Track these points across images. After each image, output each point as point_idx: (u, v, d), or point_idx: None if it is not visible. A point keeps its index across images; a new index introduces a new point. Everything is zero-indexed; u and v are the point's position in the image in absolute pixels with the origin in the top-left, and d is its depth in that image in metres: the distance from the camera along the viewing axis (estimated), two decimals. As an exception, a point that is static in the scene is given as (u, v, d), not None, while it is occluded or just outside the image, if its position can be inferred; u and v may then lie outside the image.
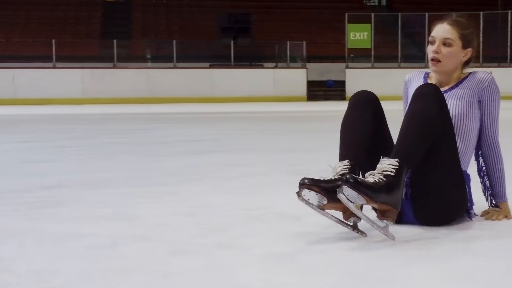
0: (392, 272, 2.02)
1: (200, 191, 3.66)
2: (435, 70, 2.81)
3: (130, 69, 22.10)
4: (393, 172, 2.36)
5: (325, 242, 2.42)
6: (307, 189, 2.36)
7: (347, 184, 2.26)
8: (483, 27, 22.89)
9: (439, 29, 2.79)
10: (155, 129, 9.33)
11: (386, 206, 2.34)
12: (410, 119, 2.52)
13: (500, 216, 2.78)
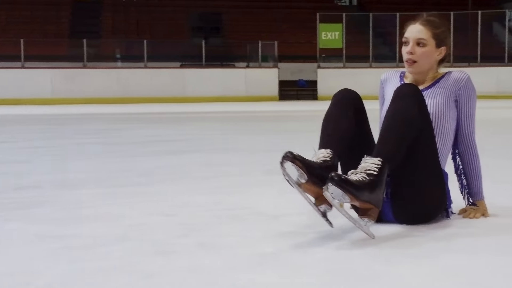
0: (376, 271, 2.03)
1: (179, 191, 3.65)
2: (411, 71, 2.84)
3: (100, 69, 21.91)
4: (376, 171, 2.38)
5: (307, 241, 2.42)
6: (291, 162, 2.36)
7: (333, 182, 2.27)
8: (454, 27, 23.14)
9: (412, 29, 2.81)
10: (127, 129, 9.27)
11: (368, 204, 2.36)
12: (391, 119, 2.54)
13: (478, 214, 2.81)
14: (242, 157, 5.30)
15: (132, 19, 27.11)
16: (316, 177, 2.38)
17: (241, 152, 5.71)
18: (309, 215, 2.84)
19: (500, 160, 4.96)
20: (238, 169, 4.53)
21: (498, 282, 1.91)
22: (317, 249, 2.29)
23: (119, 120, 11.56)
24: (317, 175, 2.39)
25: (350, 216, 2.39)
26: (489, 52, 24.01)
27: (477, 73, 21.65)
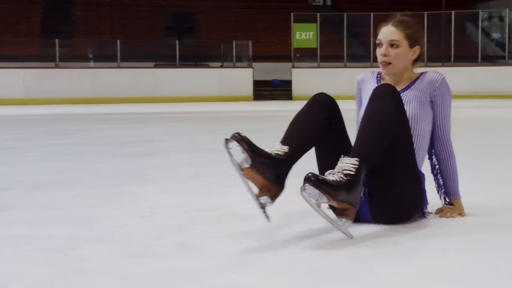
0: (354, 271, 2.03)
1: (155, 192, 3.62)
2: (386, 72, 2.85)
3: (73, 69, 21.70)
4: (353, 171, 2.37)
5: (285, 241, 2.41)
6: (237, 142, 2.32)
7: (310, 182, 2.26)
8: (427, 27, 23.34)
9: (384, 31, 2.82)
10: (101, 129, 9.18)
11: (345, 204, 2.35)
12: (368, 120, 2.54)
13: (454, 214, 2.83)
14: (216, 158, 5.23)
15: (105, 19, 26.90)
16: (260, 165, 2.34)
17: (216, 153, 5.65)
18: (286, 215, 2.83)
19: (476, 159, 5.00)
20: (213, 170, 4.51)
21: (475, 280, 1.92)
22: (295, 250, 2.28)
23: (92, 121, 11.45)
24: (262, 164, 2.34)
25: (328, 216, 2.39)
26: (463, 52, 24.25)
27: (451, 72, 21.87)
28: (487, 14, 27.07)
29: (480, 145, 6.22)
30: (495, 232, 2.52)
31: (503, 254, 2.20)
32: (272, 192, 2.42)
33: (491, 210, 2.95)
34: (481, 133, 7.89)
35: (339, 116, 2.71)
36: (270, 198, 2.41)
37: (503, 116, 11.57)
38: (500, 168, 4.52)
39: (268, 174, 2.37)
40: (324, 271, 2.03)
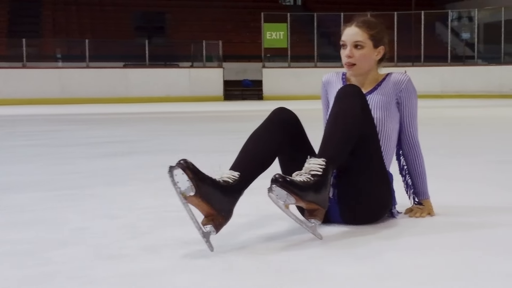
0: (322, 272, 2.02)
1: (122, 193, 3.58)
2: (351, 73, 2.85)
3: (41, 69, 21.43)
4: (320, 172, 2.35)
5: (254, 242, 2.40)
6: (182, 170, 2.23)
7: (277, 184, 2.23)
8: (397, 27, 23.54)
9: (348, 32, 2.81)
10: (68, 130, 9.07)
11: (314, 205, 2.33)
12: (334, 120, 2.52)
13: (424, 213, 2.83)
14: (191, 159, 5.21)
15: (73, 18, 26.63)
16: (206, 193, 2.24)
17: (184, 154, 5.62)
18: (255, 216, 2.82)
19: (445, 159, 5.03)
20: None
21: (441, 281, 1.91)
22: (264, 251, 2.27)
23: (60, 122, 11.32)
24: (208, 192, 2.25)
25: (296, 217, 2.37)
26: (433, 52, 24.50)
27: (421, 72, 22.13)
28: (456, 14, 27.37)
29: (450, 145, 6.27)
30: (462, 232, 2.52)
31: (469, 254, 2.21)
32: (217, 222, 2.31)
33: (459, 210, 2.97)
34: (450, 132, 7.96)
35: (299, 131, 2.65)
36: (215, 227, 2.30)
37: (472, 116, 11.70)
38: (468, 167, 4.56)
39: (214, 202, 2.27)
40: (291, 271, 2.02)
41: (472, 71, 22.53)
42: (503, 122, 9.96)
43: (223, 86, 22.71)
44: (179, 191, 2.25)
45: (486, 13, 25.14)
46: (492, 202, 3.19)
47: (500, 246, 2.31)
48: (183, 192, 2.24)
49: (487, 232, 2.52)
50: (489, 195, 3.40)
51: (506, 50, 22.91)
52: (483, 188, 3.66)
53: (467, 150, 5.74)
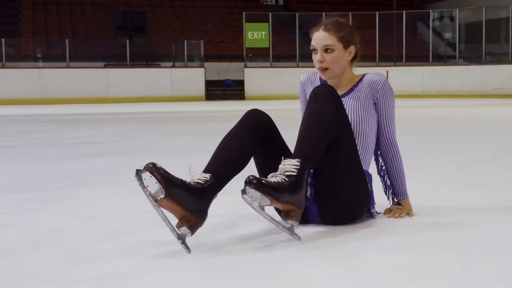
0: (300, 272, 2.00)
1: (98, 195, 3.54)
2: (325, 77, 2.83)
3: (20, 69, 21.24)
4: (295, 172, 2.31)
5: (230, 243, 2.37)
6: (150, 173, 2.20)
7: (250, 185, 2.19)
8: (379, 27, 23.62)
9: (317, 37, 2.79)
10: (47, 131, 8.98)
11: (290, 206, 2.29)
12: (308, 120, 2.49)
13: (403, 214, 2.82)
14: (162, 159, 5.13)
15: (53, 18, 26.43)
16: (177, 195, 2.22)
17: (162, 154, 5.59)
18: (231, 217, 2.78)
19: (425, 159, 5.02)
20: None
21: (419, 281, 1.89)
22: (240, 252, 2.24)
23: (39, 122, 11.21)
24: (178, 194, 2.22)
25: (273, 218, 2.32)
26: (414, 52, 24.63)
27: (403, 72, 22.23)
28: (438, 14, 27.54)
29: (430, 145, 6.27)
30: (439, 232, 2.50)
31: (446, 255, 2.19)
32: (192, 223, 2.27)
33: (438, 210, 2.96)
34: (429, 132, 7.97)
35: (273, 132, 2.62)
36: (189, 229, 2.26)
37: (452, 116, 11.74)
38: (447, 167, 4.55)
39: (185, 203, 2.24)
40: (268, 272, 2.00)
41: (453, 71, 22.66)
42: (483, 122, 10.00)
43: (204, 86, 22.65)
44: (149, 194, 2.22)
45: (467, 13, 25.31)
46: (469, 201, 3.18)
47: (474, 246, 2.29)
48: (153, 195, 2.22)
49: (463, 232, 2.50)
50: (466, 195, 3.39)
51: (487, 50, 23.07)
52: (461, 188, 3.66)
53: (446, 150, 5.73)
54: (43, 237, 2.53)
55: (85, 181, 4.04)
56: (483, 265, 2.05)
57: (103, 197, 3.46)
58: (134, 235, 2.53)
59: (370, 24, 23.81)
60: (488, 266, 2.03)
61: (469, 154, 5.35)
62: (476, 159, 5.01)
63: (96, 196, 3.50)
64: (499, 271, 1.98)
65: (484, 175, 4.12)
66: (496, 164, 4.70)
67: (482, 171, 4.34)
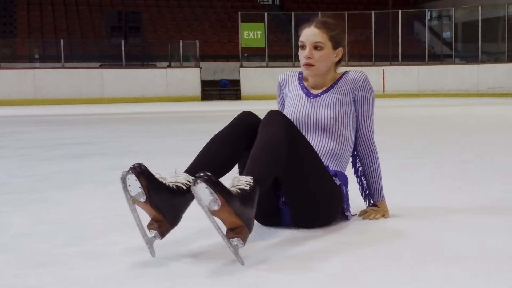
0: (260, 277, 1.96)
1: (75, 197, 3.49)
2: (309, 73, 2.78)
3: (15, 70, 21.17)
4: (247, 188, 2.15)
5: (196, 249, 2.31)
6: (136, 176, 2.13)
7: (202, 179, 2.02)
8: (375, 26, 23.58)
9: (307, 33, 2.74)
10: (35, 132, 8.91)
11: (238, 220, 2.08)
12: (260, 145, 2.34)
13: (378, 215, 2.77)
14: (147, 160, 5.06)
15: (48, 18, 26.36)
16: (157, 201, 2.16)
17: (148, 155, 5.54)
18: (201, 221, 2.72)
19: (410, 159, 4.98)
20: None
21: (385, 286, 1.86)
22: (205, 258, 2.19)
23: (30, 123, 11.15)
24: (159, 200, 2.16)
25: (219, 227, 2.08)
26: (411, 51, 24.58)
27: (398, 71, 22.18)
28: (434, 13, 27.50)
29: (419, 144, 6.22)
30: (409, 236, 2.45)
31: (413, 258, 2.14)
32: (164, 228, 2.21)
33: (415, 211, 2.91)
34: (421, 132, 7.91)
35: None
36: (160, 234, 2.20)
37: (447, 115, 11.69)
38: (432, 167, 4.50)
39: (164, 210, 2.19)
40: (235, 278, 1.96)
41: (449, 70, 22.60)
42: (476, 121, 9.95)
43: (200, 86, 22.58)
44: (129, 196, 2.17)
45: (464, 12, 25.27)
46: (449, 203, 3.13)
47: (440, 251, 2.23)
48: (133, 197, 2.17)
49: (433, 236, 2.45)
50: (447, 196, 3.33)
51: (483, 49, 23.03)
52: (443, 188, 3.60)
53: (434, 150, 5.68)
54: (9, 240, 2.49)
55: (64, 183, 3.98)
56: (446, 269, 2.00)
57: (79, 199, 3.41)
58: (102, 239, 2.49)
59: (366, 24, 23.77)
60: (446, 271, 1.98)
61: (457, 154, 5.30)
62: (463, 159, 4.96)
63: (72, 198, 3.44)
64: (452, 275, 1.94)
65: (469, 176, 4.07)
66: (483, 164, 4.65)
67: (467, 171, 4.29)
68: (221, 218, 2.07)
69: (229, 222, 2.09)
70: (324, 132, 2.74)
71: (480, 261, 2.08)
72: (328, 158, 2.72)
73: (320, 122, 2.74)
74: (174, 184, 2.23)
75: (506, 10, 22.69)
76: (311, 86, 2.85)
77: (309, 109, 2.77)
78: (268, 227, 2.61)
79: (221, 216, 2.06)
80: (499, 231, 2.51)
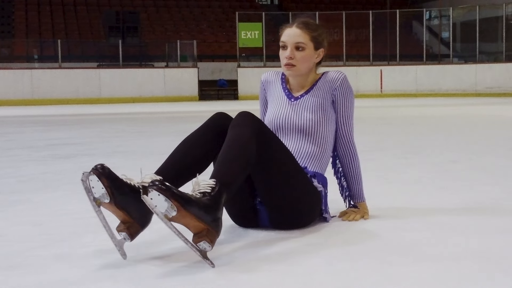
0: (232, 280, 1.94)
1: (56, 198, 3.46)
2: (290, 74, 2.76)
3: (13, 70, 21.14)
4: (209, 189, 2.11)
5: (168, 251, 2.29)
6: (97, 177, 2.11)
7: (154, 187, 1.97)
8: (373, 26, 23.55)
9: (289, 33, 2.72)
10: (28, 132, 8.86)
11: (201, 223, 2.03)
12: (226, 146, 2.30)
13: (357, 216, 2.74)
14: (136, 161, 5.07)
15: (46, 18, 26.34)
16: (122, 201, 2.13)
17: (135, 155, 5.50)
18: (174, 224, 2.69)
19: (397, 159, 4.95)
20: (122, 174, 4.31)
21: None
22: (175, 260, 2.16)
23: (25, 123, 11.11)
24: (124, 200, 2.13)
25: (179, 232, 2.03)
26: (409, 51, 24.55)
27: (396, 71, 22.14)
28: (431, 13, 27.46)
29: (409, 145, 6.19)
30: (386, 237, 2.43)
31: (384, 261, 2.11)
32: (133, 230, 2.18)
33: (396, 213, 2.88)
34: (413, 132, 7.88)
35: None
36: (130, 235, 2.17)
37: (442, 115, 11.65)
38: (419, 168, 4.46)
39: (130, 210, 2.15)
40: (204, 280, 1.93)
41: (447, 70, 22.57)
42: (471, 121, 9.91)
43: (198, 86, 22.56)
44: (92, 198, 2.14)
45: (461, 11, 25.22)
46: (432, 203, 3.10)
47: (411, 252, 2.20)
48: (97, 198, 2.14)
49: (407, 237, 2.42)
50: (432, 197, 3.31)
51: (481, 48, 22.99)
52: (428, 189, 3.57)
53: (423, 150, 5.63)
54: (-16, 242, 2.45)
55: (47, 184, 3.96)
56: (411, 271, 1.98)
57: (60, 200, 3.38)
58: (76, 241, 2.46)
59: (364, 24, 23.74)
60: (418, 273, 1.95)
61: (447, 154, 5.26)
62: (452, 159, 4.92)
63: (53, 199, 3.42)
64: (420, 277, 1.91)
65: (456, 176, 4.04)
66: (471, 165, 4.61)
67: (454, 171, 4.25)
68: (183, 223, 2.04)
69: (193, 227, 2.05)
70: (305, 134, 2.71)
71: (453, 263, 2.06)
72: (307, 160, 2.69)
73: (301, 126, 2.71)
74: (140, 184, 2.19)
75: (504, 10, 22.65)
76: (292, 88, 2.82)
77: (290, 112, 2.75)
78: (245, 229, 2.58)
79: (182, 221, 2.02)
80: (475, 232, 2.48)
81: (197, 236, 2.06)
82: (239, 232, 2.53)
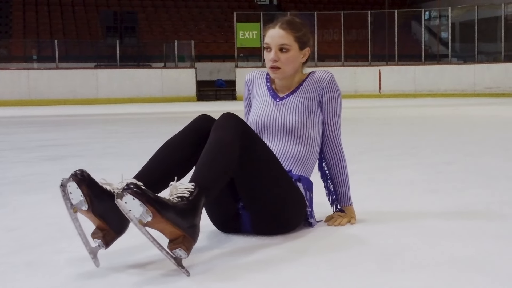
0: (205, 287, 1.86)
1: (36, 202, 3.37)
2: (276, 77, 2.67)
3: (10, 70, 21.05)
4: (187, 194, 2.03)
5: (142, 259, 2.20)
6: (77, 184, 2.02)
7: (128, 191, 1.89)
8: (372, 26, 23.46)
9: (272, 34, 2.63)
10: (19, 133, 8.78)
11: (177, 230, 1.95)
12: (207, 150, 2.21)
13: (344, 221, 2.66)
14: (125, 162, 4.98)
15: (44, 19, 26.24)
16: (100, 209, 2.05)
17: (125, 157, 5.42)
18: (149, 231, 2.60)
19: (390, 160, 4.86)
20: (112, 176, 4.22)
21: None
22: (150, 269, 2.08)
23: (19, 124, 11.04)
24: (102, 208, 2.05)
25: (154, 239, 1.95)
26: (408, 51, 24.46)
27: (395, 71, 22.05)
28: (429, 13, 27.38)
29: (406, 145, 6.10)
30: (373, 240, 2.35)
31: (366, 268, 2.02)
32: (109, 237, 2.10)
33: (383, 217, 2.80)
34: (410, 132, 7.79)
35: None
36: (105, 243, 2.10)
37: (440, 115, 11.57)
38: (412, 169, 4.37)
39: (107, 219, 2.07)
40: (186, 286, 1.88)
41: (446, 70, 22.48)
42: (469, 121, 9.83)
43: (196, 87, 22.46)
44: (70, 205, 2.06)
45: (460, 11, 25.15)
46: (422, 207, 3.02)
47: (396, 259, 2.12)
48: (74, 205, 2.05)
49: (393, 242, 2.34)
50: (422, 200, 3.22)
51: (480, 48, 22.91)
52: (418, 192, 3.49)
53: (418, 151, 5.56)
54: (-45, 248, 2.36)
55: (30, 187, 3.87)
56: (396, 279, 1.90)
57: (40, 204, 3.29)
58: (50, 247, 2.38)
59: (362, 24, 23.66)
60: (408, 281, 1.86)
61: (442, 155, 5.17)
62: (446, 160, 4.83)
63: (33, 203, 3.33)
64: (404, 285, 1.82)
65: (448, 178, 3.95)
66: (465, 166, 4.52)
67: (447, 173, 4.16)
68: (158, 229, 1.95)
69: (169, 233, 1.96)
70: (290, 136, 2.62)
71: (439, 270, 1.97)
72: (292, 163, 2.60)
73: (286, 126, 2.62)
74: (118, 190, 2.08)
75: (503, 10, 22.57)
76: (277, 88, 2.73)
77: (275, 112, 2.66)
78: (227, 234, 2.50)
79: (157, 227, 1.94)
80: (464, 237, 2.39)
81: (172, 243, 1.97)
82: (220, 238, 2.44)
